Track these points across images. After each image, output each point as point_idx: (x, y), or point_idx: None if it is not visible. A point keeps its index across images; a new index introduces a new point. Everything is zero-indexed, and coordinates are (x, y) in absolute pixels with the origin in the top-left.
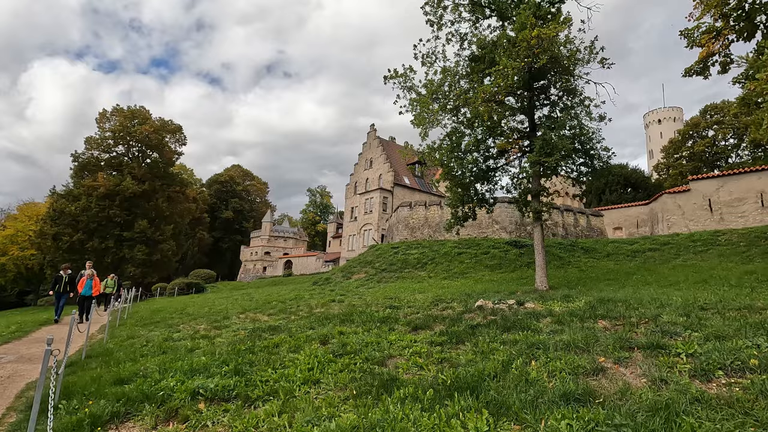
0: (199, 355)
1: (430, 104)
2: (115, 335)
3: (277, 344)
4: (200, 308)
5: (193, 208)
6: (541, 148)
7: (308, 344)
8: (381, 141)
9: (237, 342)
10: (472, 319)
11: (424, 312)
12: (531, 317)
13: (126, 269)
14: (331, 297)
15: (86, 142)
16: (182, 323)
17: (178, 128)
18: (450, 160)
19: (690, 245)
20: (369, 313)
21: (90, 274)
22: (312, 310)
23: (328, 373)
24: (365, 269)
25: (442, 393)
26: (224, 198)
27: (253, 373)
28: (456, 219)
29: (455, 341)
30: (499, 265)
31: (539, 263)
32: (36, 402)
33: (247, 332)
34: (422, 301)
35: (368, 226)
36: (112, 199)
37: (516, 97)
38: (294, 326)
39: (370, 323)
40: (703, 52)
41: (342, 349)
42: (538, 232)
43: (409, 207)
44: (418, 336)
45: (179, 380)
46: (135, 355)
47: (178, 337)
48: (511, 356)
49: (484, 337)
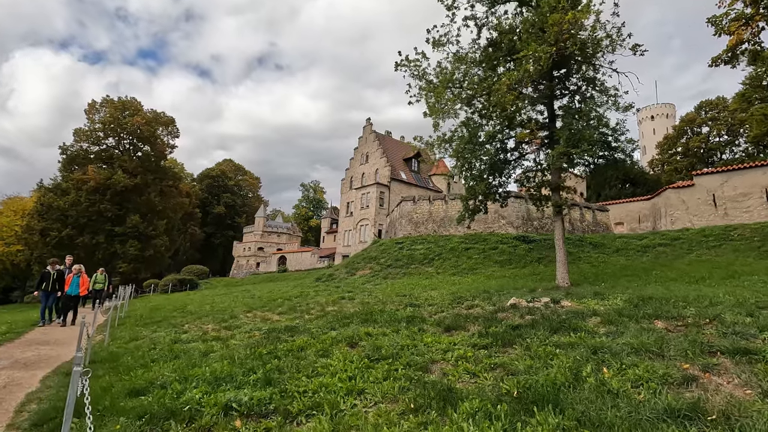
0: (217, 359)
1: (445, 93)
2: (116, 336)
3: (302, 347)
4: (201, 306)
5: (186, 202)
6: (568, 139)
7: (336, 347)
8: (377, 135)
9: (255, 344)
10: (508, 318)
11: (449, 311)
12: (575, 317)
13: (117, 265)
14: (340, 294)
15: (75, 134)
16: (187, 323)
17: (170, 120)
18: (466, 152)
19: (702, 240)
20: (390, 313)
21: (77, 270)
22: (324, 309)
23: (371, 381)
24: (370, 265)
25: (516, 407)
26: (216, 193)
27: (286, 381)
28: (468, 211)
29: (501, 344)
30: (509, 260)
31: (560, 259)
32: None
33: (262, 333)
34: (440, 298)
35: (365, 222)
36: (103, 193)
37: (534, 87)
38: (313, 327)
39: (395, 323)
40: (732, 40)
41: (376, 353)
42: (559, 227)
43: (413, 201)
44: (455, 337)
45: (204, 391)
46: (145, 359)
47: (187, 338)
48: (577, 362)
49: (533, 339)
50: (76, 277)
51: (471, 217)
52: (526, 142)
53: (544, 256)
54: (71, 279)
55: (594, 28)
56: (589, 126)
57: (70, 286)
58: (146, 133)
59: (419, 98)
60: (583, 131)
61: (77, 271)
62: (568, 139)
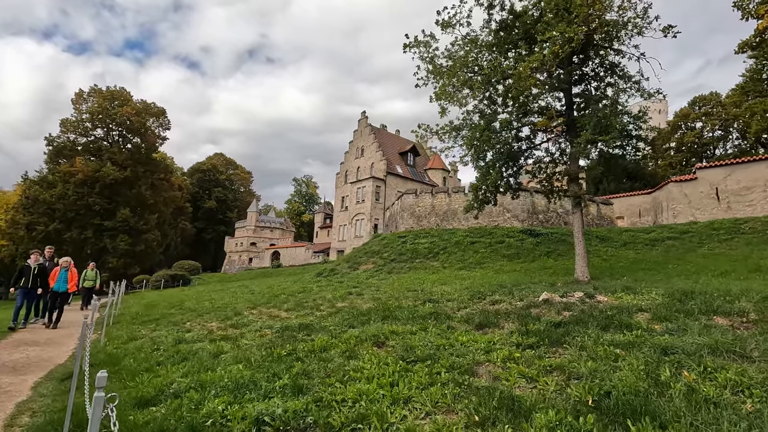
0: (230, 362)
1: (458, 75)
2: (113, 336)
3: (324, 348)
4: (199, 303)
5: (178, 196)
6: (595, 126)
7: (361, 347)
8: (372, 129)
9: (270, 344)
10: (544, 315)
11: (472, 306)
12: (620, 313)
13: (107, 261)
14: (346, 290)
15: (61, 125)
16: (188, 321)
17: (161, 112)
18: (482, 139)
19: (712, 234)
20: (410, 309)
21: (65, 263)
22: (334, 305)
23: (415, 387)
24: (372, 260)
25: (602, 418)
26: (207, 187)
27: (318, 388)
28: (477, 202)
29: (548, 343)
30: (517, 254)
31: (579, 252)
32: None
33: (274, 332)
34: (456, 293)
35: (360, 216)
36: (91, 186)
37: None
38: (329, 324)
39: (419, 320)
40: (761, 24)
41: (410, 354)
42: (578, 219)
43: (414, 194)
44: (492, 336)
45: (227, 401)
46: (149, 362)
47: (192, 338)
48: (648, 364)
49: (584, 338)
50: (64, 271)
51: (480, 208)
52: (544, 130)
53: (552, 250)
54: (58, 273)
55: (623, 8)
56: (616, 112)
57: (57, 281)
58: (136, 124)
59: (426, 82)
60: (610, 118)
61: (65, 265)
62: (596, 126)
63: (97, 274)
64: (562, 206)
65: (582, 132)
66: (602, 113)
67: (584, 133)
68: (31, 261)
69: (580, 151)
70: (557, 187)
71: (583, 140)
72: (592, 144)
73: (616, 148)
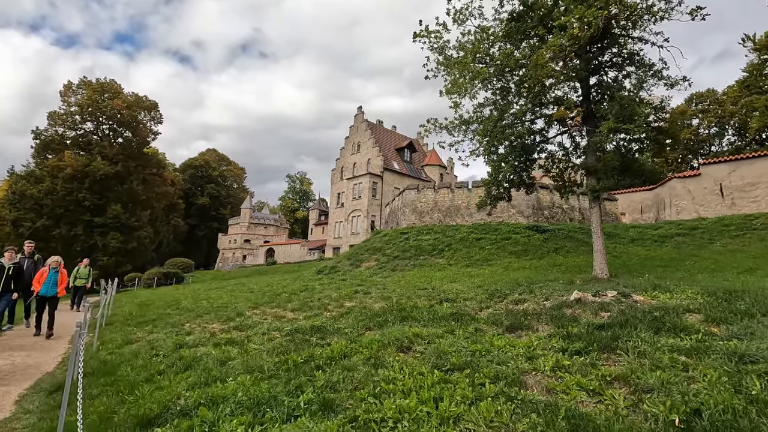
0: (240, 370)
1: (471, 66)
2: (106, 339)
3: (344, 354)
4: (196, 302)
5: (171, 192)
6: (618, 114)
7: (385, 353)
8: (369, 124)
9: (282, 350)
10: (580, 315)
11: (494, 307)
12: (666, 314)
13: (97, 258)
14: (352, 288)
15: (49, 118)
16: (186, 322)
17: (153, 105)
18: (495, 132)
19: (722, 230)
20: (427, 309)
21: (55, 263)
22: (343, 304)
23: (460, 401)
24: (375, 257)
25: None
26: (199, 183)
27: (348, 404)
28: (490, 198)
29: (597, 349)
30: (524, 251)
31: (598, 249)
32: None
33: (284, 335)
34: (470, 292)
35: (357, 213)
36: (81, 181)
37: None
38: (343, 326)
39: (441, 322)
40: None
41: (443, 362)
42: (596, 214)
43: (416, 190)
44: (528, 340)
45: (246, 423)
46: (149, 371)
47: (193, 341)
48: (728, 374)
49: (636, 342)
50: (53, 273)
51: (493, 204)
52: (560, 121)
53: (560, 247)
54: (46, 275)
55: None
56: (639, 102)
57: (45, 284)
58: (127, 117)
59: (436, 74)
60: (634, 106)
61: (55, 265)
62: (618, 114)
63: (90, 271)
64: (567, 202)
65: (603, 121)
66: (626, 101)
67: (607, 122)
68: (5, 259)
69: (602, 140)
70: (571, 182)
71: (605, 129)
72: (615, 133)
73: (634, 143)
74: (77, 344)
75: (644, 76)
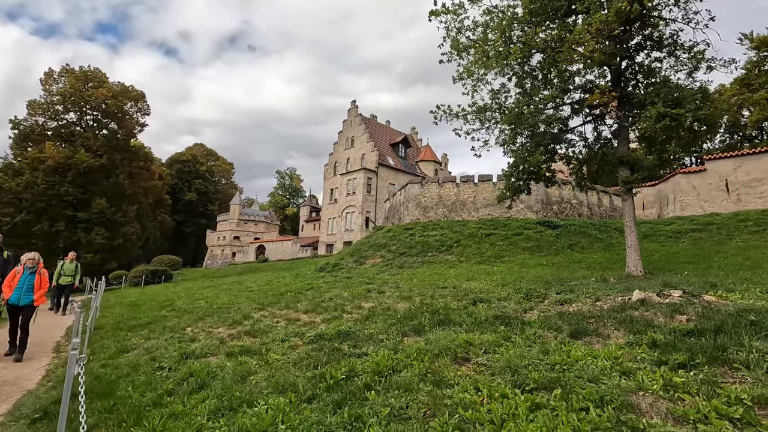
0: (267, 388)
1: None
2: (97, 346)
3: (392, 368)
4: (192, 302)
5: (159, 186)
6: (666, 97)
7: (441, 365)
8: (363, 119)
9: (311, 361)
10: (653, 319)
11: (539, 308)
12: (764, 317)
13: (81, 255)
14: (362, 287)
15: (29, 107)
16: (187, 325)
17: (140, 95)
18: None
19: (739, 225)
20: (461, 310)
21: (31, 262)
22: (360, 305)
23: None
24: (379, 253)
25: None
26: (187, 179)
27: None
28: (510, 191)
29: (705, 361)
30: (537, 247)
31: (632, 244)
32: None
33: (307, 343)
34: (499, 291)
35: (351, 209)
36: (63, 174)
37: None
38: (374, 332)
39: (486, 326)
40: None
41: (521, 378)
42: (629, 207)
43: (420, 184)
44: (607, 349)
45: None
46: (156, 390)
47: (201, 350)
48: None
49: (749, 353)
50: (28, 274)
51: (513, 197)
52: (591, 108)
53: (574, 243)
54: (19, 277)
55: None
56: (687, 89)
57: (16, 289)
58: (113, 108)
59: (451, 58)
60: (683, 88)
61: (31, 264)
62: (667, 98)
63: (78, 267)
64: (575, 197)
65: (649, 106)
66: (671, 82)
67: (655, 106)
68: None
69: (649, 126)
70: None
71: (653, 113)
72: (664, 118)
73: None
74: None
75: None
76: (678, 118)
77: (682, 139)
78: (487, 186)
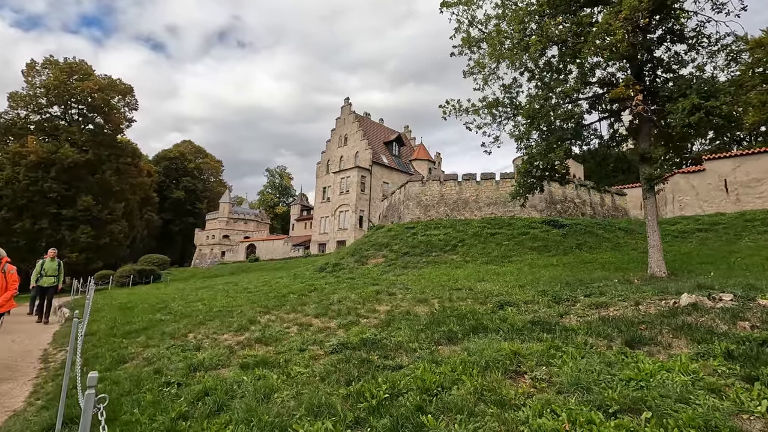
0: (297, 409)
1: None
2: (90, 355)
3: (440, 384)
4: (188, 304)
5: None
6: (699, 89)
7: (493, 380)
8: (357, 116)
9: (340, 374)
10: (713, 326)
11: (575, 312)
12: None
13: (66, 254)
14: (370, 288)
15: (10, 99)
16: (188, 331)
17: (128, 89)
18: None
19: (746, 225)
20: (493, 315)
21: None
22: (375, 308)
23: None
24: (381, 253)
25: None
26: (174, 176)
27: None
28: (523, 188)
29: None
30: (545, 247)
31: (655, 244)
32: None
33: (329, 352)
34: (520, 293)
35: (344, 207)
36: (47, 169)
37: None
38: (403, 340)
39: (525, 333)
40: None
41: (592, 397)
42: (651, 205)
43: (421, 182)
44: (676, 362)
45: None
46: (167, 413)
47: (209, 360)
48: None
49: None
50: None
51: (526, 194)
52: (614, 102)
53: (582, 243)
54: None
55: None
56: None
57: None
58: (99, 101)
59: (462, 50)
60: (716, 81)
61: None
62: (700, 89)
63: (61, 266)
64: (579, 196)
65: (681, 99)
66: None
67: (690, 97)
68: None
69: (681, 119)
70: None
71: (687, 104)
72: (698, 110)
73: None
74: (88, 413)
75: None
76: (712, 111)
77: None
78: (489, 184)
